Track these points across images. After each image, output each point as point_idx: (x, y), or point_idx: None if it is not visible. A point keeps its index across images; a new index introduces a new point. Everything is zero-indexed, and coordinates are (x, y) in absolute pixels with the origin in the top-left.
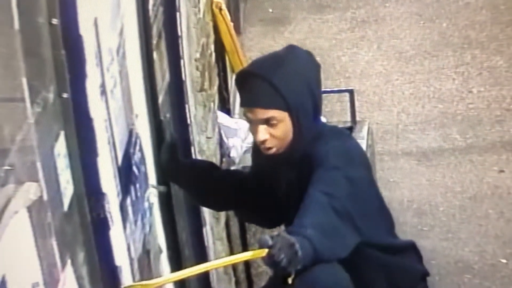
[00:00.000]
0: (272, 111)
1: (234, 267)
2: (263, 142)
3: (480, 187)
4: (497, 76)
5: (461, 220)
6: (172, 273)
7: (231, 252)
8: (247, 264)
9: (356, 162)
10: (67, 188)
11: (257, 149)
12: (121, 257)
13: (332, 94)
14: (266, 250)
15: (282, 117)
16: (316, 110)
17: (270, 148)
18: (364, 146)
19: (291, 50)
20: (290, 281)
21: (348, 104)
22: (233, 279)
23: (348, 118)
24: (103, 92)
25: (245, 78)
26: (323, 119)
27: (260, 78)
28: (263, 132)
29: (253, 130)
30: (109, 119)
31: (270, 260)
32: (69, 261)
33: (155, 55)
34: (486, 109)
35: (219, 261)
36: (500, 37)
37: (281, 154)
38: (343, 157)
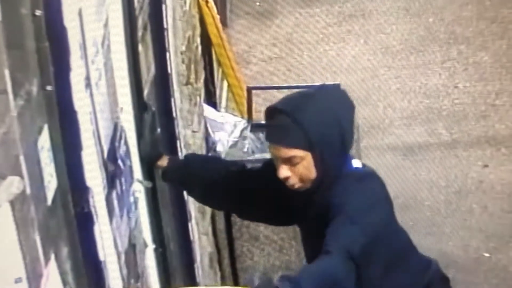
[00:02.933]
0: (293, 150)
1: (220, 261)
2: (285, 179)
3: (464, 181)
4: (482, 72)
5: (446, 215)
6: None
7: (217, 247)
8: (233, 258)
9: (375, 208)
10: (51, 182)
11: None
12: (107, 251)
13: None
14: None
15: (304, 156)
16: (344, 149)
17: (293, 185)
18: None
19: (322, 88)
20: None
21: None
22: (219, 274)
23: None
24: (88, 84)
25: (271, 113)
26: (358, 164)
27: (284, 114)
28: (285, 170)
29: (276, 166)
30: (94, 112)
31: None
32: (52, 256)
33: (140, 47)
34: (471, 104)
35: None
36: (485, 33)
37: (305, 190)
38: (362, 205)
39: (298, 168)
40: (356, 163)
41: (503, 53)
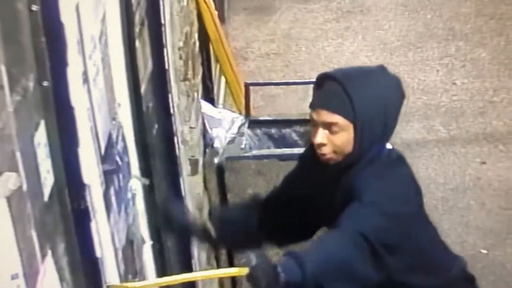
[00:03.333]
0: (337, 116)
1: (217, 257)
2: (320, 145)
3: (462, 178)
4: (480, 68)
5: (443, 212)
6: (155, 279)
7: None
8: (230, 255)
9: (401, 199)
10: (47, 178)
11: (308, 154)
12: (105, 247)
13: None
14: (247, 269)
15: (345, 126)
16: (384, 135)
17: (325, 155)
18: None
19: (380, 69)
20: None
21: None
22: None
23: None
24: (86, 80)
25: (323, 80)
26: (388, 145)
27: (336, 82)
28: (323, 136)
29: (313, 132)
30: (92, 107)
31: (250, 279)
32: (49, 252)
33: (137, 43)
34: (469, 101)
35: (202, 273)
36: (483, 30)
37: (334, 165)
38: (387, 192)
39: (336, 138)
40: (387, 145)
41: (501, 50)
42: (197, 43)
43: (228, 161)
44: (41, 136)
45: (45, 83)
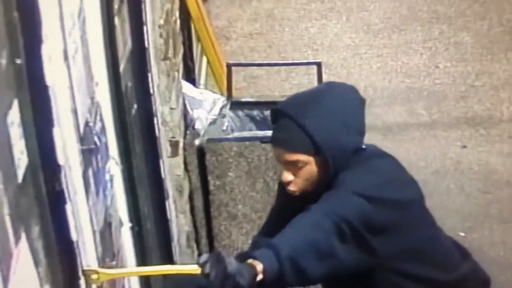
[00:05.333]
0: (297, 155)
1: (197, 240)
2: (288, 183)
3: (443, 162)
4: (463, 52)
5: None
6: (116, 269)
7: (194, 225)
8: (210, 237)
9: (386, 184)
10: (21, 159)
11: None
12: (83, 229)
13: (299, 67)
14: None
15: (308, 160)
16: (353, 147)
17: (294, 191)
18: None
19: (328, 87)
20: None
21: (316, 77)
22: (196, 253)
23: None
24: (66, 57)
25: (276, 116)
26: (364, 145)
27: (288, 118)
28: (288, 174)
29: (281, 168)
30: (71, 86)
31: (203, 277)
32: (23, 235)
33: (116, 20)
34: (451, 85)
35: (160, 268)
36: (467, 13)
37: (309, 194)
38: (366, 178)
39: (301, 173)
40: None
41: (484, 34)
42: (178, 21)
43: (209, 143)
44: (14, 116)
45: (18, 61)
